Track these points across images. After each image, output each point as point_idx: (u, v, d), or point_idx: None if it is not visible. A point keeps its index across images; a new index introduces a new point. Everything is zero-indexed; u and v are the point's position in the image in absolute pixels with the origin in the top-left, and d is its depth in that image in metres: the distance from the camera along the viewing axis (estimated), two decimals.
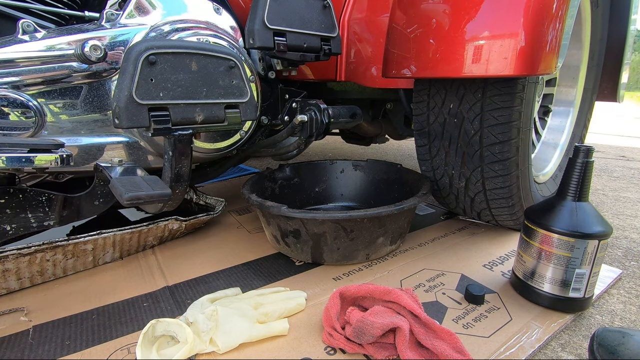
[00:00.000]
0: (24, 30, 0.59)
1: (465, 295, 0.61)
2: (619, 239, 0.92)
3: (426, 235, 0.86)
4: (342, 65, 0.87)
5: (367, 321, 0.47)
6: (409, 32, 0.67)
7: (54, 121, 0.62)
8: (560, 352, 0.52)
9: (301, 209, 0.65)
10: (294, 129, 0.77)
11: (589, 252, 0.54)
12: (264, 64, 0.83)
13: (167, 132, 0.54)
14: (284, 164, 0.97)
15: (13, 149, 0.47)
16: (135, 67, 0.50)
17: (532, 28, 0.55)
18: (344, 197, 1.00)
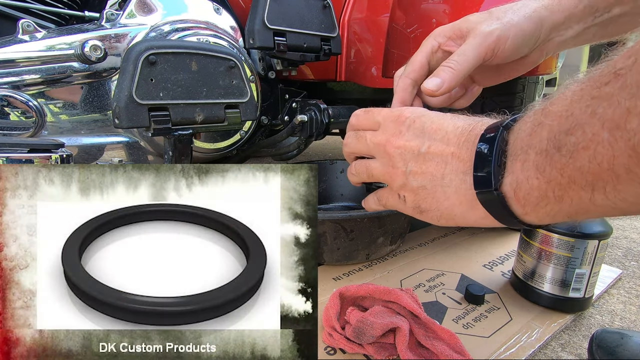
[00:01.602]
0: (24, 30, 0.59)
1: (465, 295, 0.61)
2: (619, 239, 0.92)
3: (426, 235, 0.86)
4: (342, 65, 0.87)
5: (367, 321, 0.47)
6: (409, 32, 0.67)
7: (54, 121, 0.62)
8: (560, 352, 0.52)
9: None
10: (294, 129, 0.77)
11: (589, 252, 0.54)
12: (264, 64, 0.83)
13: (167, 132, 0.54)
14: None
15: (13, 149, 0.47)
16: (135, 67, 0.50)
17: None
18: (344, 197, 1.00)
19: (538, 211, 0.26)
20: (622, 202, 0.21)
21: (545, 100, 0.26)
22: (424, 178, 0.32)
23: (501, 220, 0.29)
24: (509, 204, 0.27)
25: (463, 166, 0.30)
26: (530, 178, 0.25)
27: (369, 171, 0.38)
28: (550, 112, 0.24)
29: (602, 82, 0.20)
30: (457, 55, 0.38)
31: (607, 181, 0.20)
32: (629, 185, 0.20)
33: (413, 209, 0.35)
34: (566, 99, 0.23)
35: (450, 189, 0.31)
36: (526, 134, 0.26)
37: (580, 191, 0.22)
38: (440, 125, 0.32)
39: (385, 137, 0.35)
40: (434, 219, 0.34)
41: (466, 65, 0.38)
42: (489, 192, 0.28)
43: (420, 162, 0.32)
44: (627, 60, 0.19)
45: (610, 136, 0.19)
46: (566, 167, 0.22)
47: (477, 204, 0.29)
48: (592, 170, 0.21)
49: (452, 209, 0.31)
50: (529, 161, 0.25)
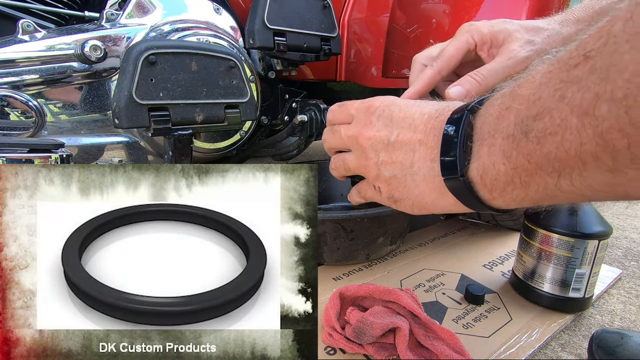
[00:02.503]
0: (24, 30, 0.59)
1: (465, 295, 0.61)
2: (619, 239, 0.92)
3: (426, 235, 0.86)
4: (342, 65, 0.87)
5: (367, 321, 0.47)
6: (409, 32, 0.67)
7: (54, 121, 0.62)
8: (560, 352, 0.52)
9: None
10: (294, 129, 0.77)
11: (589, 252, 0.54)
12: (264, 64, 0.83)
13: (167, 132, 0.54)
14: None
15: (13, 149, 0.47)
16: (135, 67, 0.50)
17: None
18: (344, 197, 0.99)
19: (505, 197, 0.25)
20: (587, 189, 0.20)
21: (513, 82, 0.25)
22: (395, 167, 0.32)
23: (470, 206, 0.29)
24: (476, 190, 0.27)
25: (431, 153, 0.30)
26: (496, 163, 0.24)
27: (345, 165, 0.38)
28: (517, 95, 0.23)
29: (571, 64, 0.20)
30: (487, 70, 0.38)
31: (573, 168, 0.20)
32: (596, 173, 0.19)
33: (388, 199, 0.35)
34: (534, 82, 0.22)
35: (419, 176, 0.31)
36: (493, 117, 0.25)
37: (547, 177, 0.22)
38: (407, 113, 0.32)
39: (357, 129, 0.35)
40: (407, 208, 0.34)
41: (492, 82, 0.38)
42: (456, 179, 0.27)
43: (390, 152, 0.32)
44: (597, 42, 0.18)
45: (579, 122, 0.19)
46: (533, 153, 0.22)
47: (446, 191, 0.29)
48: (559, 157, 0.20)
49: (423, 197, 0.31)
50: (495, 146, 0.25)
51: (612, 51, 0.17)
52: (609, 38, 0.17)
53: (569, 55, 0.20)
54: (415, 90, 0.42)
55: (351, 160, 0.37)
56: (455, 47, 0.41)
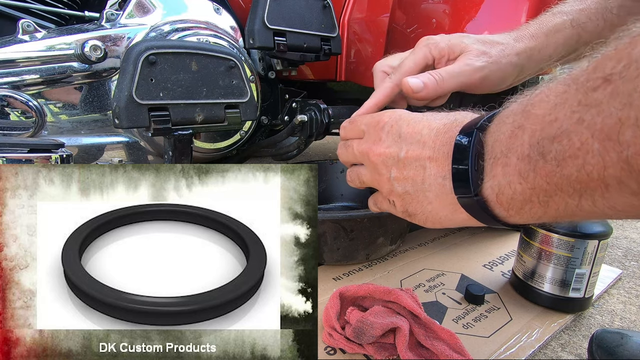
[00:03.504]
0: (24, 30, 0.59)
1: (465, 295, 0.61)
2: (619, 239, 0.92)
3: (426, 235, 0.86)
4: (342, 65, 0.87)
5: (367, 321, 0.47)
6: (409, 32, 0.67)
7: (54, 121, 0.62)
8: (560, 352, 0.52)
9: None
10: (294, 129, 0.77)
11: (589, 252, 0.54)
12: (264, 64, 0.83)
13: (167, 132, 0.54)
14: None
15: (13, 149, 0.47)
16: (135, 67, 0.50)
17: None
18: (344, 197, 0.99)
19: (522, 214, 0.25)
20: (610, 209, 0.20)
21: (523, 100, 0.25)
22: (407, 183, 0.32)
23: (485, 222, 0.29)
24: (491, 208, 0.27)
25: (441, 170, 0.30)
26: (512, 183, 0.24)
27: (360, 178, 0.39)
28: (531, 115, 0.23)
29: (589, 87, 0.19)
30: (446, 72, 0.39)
31: (595, 190, 0.20)
32: (619, 195, 0.19)
33: (402, 213, 0.35)
34: (549, 102, 0.22)
35: (432, 193, 0.31)
36: (505, 136, 0.25)
37: (567, 198, 0.22)
38: (415, 128, 0.32)
39: (367, 145, 0.36)
40: (421, 222, 0.34)
41: (449, 84, 0.39)
42: (470, 198, 0.27)
43: (401, 168, 0.33)
44: (617, 65, 0.18)
45: (601, 147, 0.18)
46: (552, 175, 0.22)
47: (460, 208, 0.29)
48: (580, 179, 0.20)
49: (437, 213, 0.32)
50: (510, 165, 0.24)
51: (634, 76, 0.17)
52: (631, 62, 0.17)
53: (586, 77, 0.20)
54: (374, 102, 0.43)
55: (365, 175, 0.38)
56: (413, 62, 0.42)
